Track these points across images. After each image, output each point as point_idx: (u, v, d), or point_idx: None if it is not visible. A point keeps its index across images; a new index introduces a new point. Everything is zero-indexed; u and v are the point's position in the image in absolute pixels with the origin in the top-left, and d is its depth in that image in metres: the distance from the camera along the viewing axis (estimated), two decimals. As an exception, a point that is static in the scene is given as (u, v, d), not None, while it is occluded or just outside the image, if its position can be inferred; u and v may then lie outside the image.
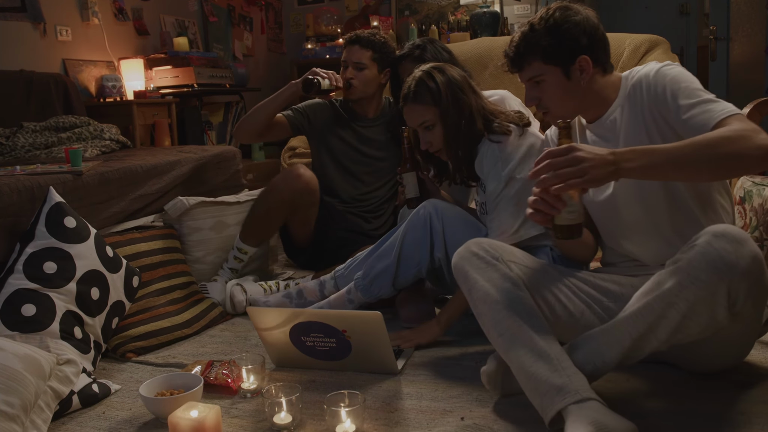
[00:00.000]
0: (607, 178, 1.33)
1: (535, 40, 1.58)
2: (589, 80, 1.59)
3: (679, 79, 1.49)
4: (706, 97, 1.45)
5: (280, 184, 2.51)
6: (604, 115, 1.63)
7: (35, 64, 3.40)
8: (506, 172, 1.87)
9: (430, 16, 5.46)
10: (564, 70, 1.58)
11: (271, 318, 1.78)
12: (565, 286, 1.60)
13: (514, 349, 1.41)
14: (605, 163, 1.31)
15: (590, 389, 1.33)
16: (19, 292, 1.72)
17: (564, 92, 1.60)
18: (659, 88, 1.51)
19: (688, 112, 1.44)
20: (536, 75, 1.61)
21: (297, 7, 5.91)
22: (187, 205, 2.49)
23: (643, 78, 1.56)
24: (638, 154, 1.33)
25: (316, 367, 1.82)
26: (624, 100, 1.60)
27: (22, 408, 1.39)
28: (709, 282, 1.28)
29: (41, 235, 1.83)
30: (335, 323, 1.71)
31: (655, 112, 1.52)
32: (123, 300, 1.97)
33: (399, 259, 2.01)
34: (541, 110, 1.66)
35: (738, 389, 1.54)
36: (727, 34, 4.63)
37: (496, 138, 1.91)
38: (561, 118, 1.63)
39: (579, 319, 1.58)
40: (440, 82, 1.94)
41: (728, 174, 1.47)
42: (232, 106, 4.80)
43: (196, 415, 1.41)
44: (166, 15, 4.55)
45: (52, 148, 2.85)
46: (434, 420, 1.50)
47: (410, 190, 2.14)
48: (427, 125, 1.96)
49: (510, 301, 1.47)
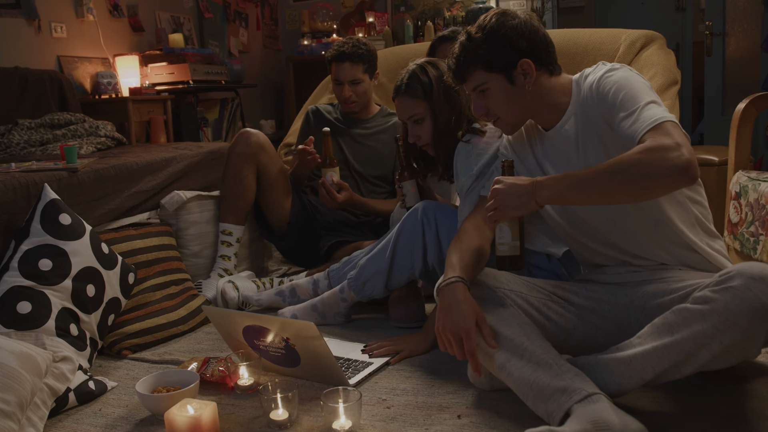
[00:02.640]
0: (524, 207, 1.44)
1: (474, 49, 1.56)
2: (535, 83, 1.56)
3: (620, 88, 1.44)
4: (639, 105, 1.39)
5: (234, 146, 2.57)
6: (559, 123, 1.60)
7: (30, 60, 3.39)
8: (478, 167, 1.84)
9: (425, 12, 5.45)
10: (507, 76, 1.56)
11: (224, 319, 1.77)
12: (554, 303, 1.59)
13: (510, 364, 1.40)
14: (520, 194, 1.44)
15: (595, 386, 1.31)
16: (15, 289, 1.72)
17: (510, 98, 1.58)
18: (603, 99, 1.47)
19: (620, 124, 1.42)
20: (480, 84, 1.58)
21: (292, 4, 5.90)
22: (184, 198, 2.50)
23: (592, 87, 1.52)
24: (554, 181, 1.42)
25: (275, 372, 1.78)
26: (577, 107, 1.56)
27: (18, 405, 1.39)
28: (749, 327, 1.24)
29: (36, 233, 1.82)
30: (277, 330, 1.65)
31: (607, 121, 1.49)
32: (119, 297, 1.97)
33: (392, 263, 2.00)
34: (490, 119, 1.64)
35: (733, 384, 1.54)
36: (723, 30, 4.64)
37: (467, 138, 1.90)
38: (511, 124, 1.65)
39: (572, 333, 1.58)
40: (433, 77, 1.95)
41: (643, 195, 1.39)
42: (227, 102, 4.79)
43: (193, 411, 1.41)
44: (162, 11, 4.54)
45: (47, 145, 2.85)
46: (431, 416, 1.50)
47: (411, 198, 2.14)
48: (416, 119, 1.97)
49: (500, 318, 1.45)
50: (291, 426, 1.49)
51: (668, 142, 1.29)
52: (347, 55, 2.66)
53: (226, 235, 2.55)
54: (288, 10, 5.92)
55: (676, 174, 1.28)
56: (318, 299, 2.14)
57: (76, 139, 2.90)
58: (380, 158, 2.77)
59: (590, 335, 1.58)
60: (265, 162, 2.58)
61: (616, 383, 1.38)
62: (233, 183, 2.54)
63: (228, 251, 2.55)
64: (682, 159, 1.27)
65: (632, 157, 1.32)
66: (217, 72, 4.29)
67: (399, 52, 3.91)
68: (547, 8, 5.16)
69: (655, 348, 1.33)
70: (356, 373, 1.73)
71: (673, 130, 1.32)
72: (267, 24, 5.78)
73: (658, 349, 1.32)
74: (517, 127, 1.67)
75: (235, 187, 2.54)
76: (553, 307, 1.58)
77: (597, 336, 1.58)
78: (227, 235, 2.55)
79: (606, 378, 1.39)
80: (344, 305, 2.11)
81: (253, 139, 2.56)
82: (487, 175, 1.81)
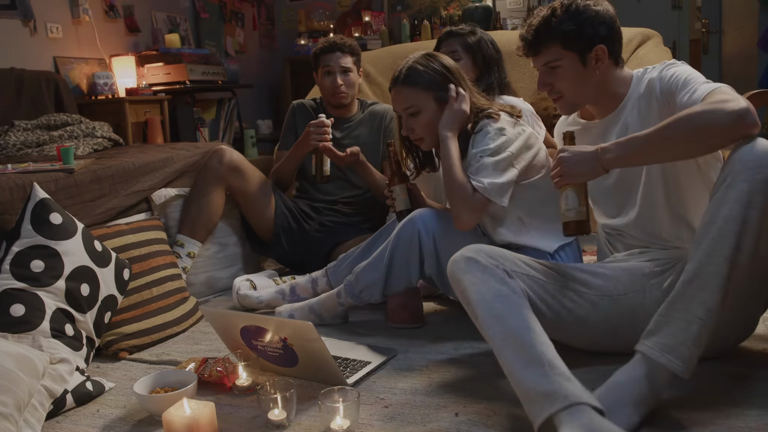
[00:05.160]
0: (591, 172, 1.51)
1: (557, 24, 1.62)
2: (603, 70, 1.64)
3: (681, 74, 1.56)
4: (698, 82, 1.50)
5: (207, 161, 2.58)
6: (612, 113, 1.67)
7: (26, 61, 3.38)
8: (498, 142, 1.86)
9: (422, 11, 5.45)
10: (581, 57, 1.63)
11: (221, 320, 1.77)
12: (569, 290, 1.59)
13: (505, 354, 1.38)
14: (586, 160, 1.50)
15: (583, 394, 1.27)
16: (7, 292, 1.70)
17: (579, 79, 1.65)
18: (666, 84, 1.57)
19: (681, 100, 1.50)
20: (552, 60, 1.65)
21: (289, 3, 5.89)
22: (171, 194, 2.51)
23: (653, 77, 1.61)
24: (618, 145, 1.48)
25: (273, 372, 1.78)
26: (636, 101, 1.64)
27: (15, 407, 1.39)
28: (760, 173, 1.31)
29: (27, 233, 1.80)
30: (275, 330, 1.64)
31: (666, 104, 1.57)
32: (114, 294, 1.96)
33: (388, 274, 1.99)
34: (553, 96, 1.70)
35: (732, 381, 1.54)
36: (719, 28, 4.65)
37: (483, 123, 1.91)
38: (572, 104, 1.72)
39: (586, 321, 1.59)
40: (432, 68, 1.95)
41: (706, 145, 1.43)
42: (224, 102, 4.78)
43: (191, 412, 1.41)
44: (158, 12, 4.53)
45: (43, 146, 2.84)
46: (428, 415, 1.50)
47: (400, 203, 2.12)
48: (411, 111, 1.96)
49: (503, 305, 1.43)
50: (289, 425, 1.49)
51: (725, 96, 1.40)
52: (337, 46, 2.72)
53: (178, 246, 2.48)
54: (284, 9, 5.91)
55: (735, 118, 1.35)
56: (315, 301, 2.14)
57: (72, 140, 2.90)
58: (365, 146, 2.75)
59: (601, 327, 1.60)
60: (237, 183, 2.58)
61: (693, 311, 1.34)
62: (197, 196, 2.53)
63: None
64: (739, 105, 1.36)
65: (693, 110, 1.41)
66: (213, 72, 4.28)
67: (395, 52, 3.91)
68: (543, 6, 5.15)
69: (712, 234, 1.34)
70: (354, 372, 1.73)
71: (729, 90, 1.44)
72: (263, 24, 5.77)
73: (714, 233, 1.34)
74: (575, 108, 1.74)
75: (198, 200, 2.52)
76: (569, 295, 1.58)
77: (609, 327, 1.60)
78: (178, 246, 2.48)
79: (682, 312, 1.35)
80: (341, 309, 2.11)
81: (226, 158, 2.56)
82: (508, 152, 1.86)
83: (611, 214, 1.77)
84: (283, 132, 2.91)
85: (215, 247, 2.63)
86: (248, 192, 2.61)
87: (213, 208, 2.54)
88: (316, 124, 2.52)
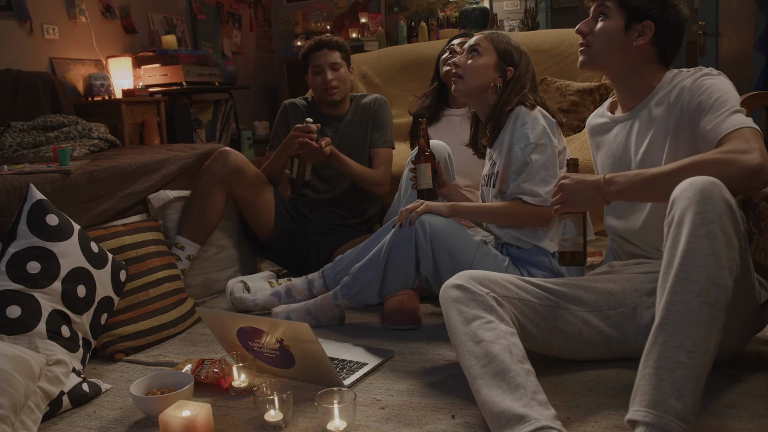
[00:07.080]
0: (591, 202, 1.50)
1: None
2: (641, 50, 1.62)
3: (714, 90, 1.50)
4: (727, 109, 1.45)
5: (210, 164, 2.56)
6: (637, 106, 1.66)
7: (22, 62, 3.38)
8: (534, 135, 1.90)
9: (419, 12, 5.46)
10: (627, 21, 1.62)
11: (218, 321, 1.76)
12: (561, 309, 1.57)
13: (476, 384, 1.34)
14: (588, 189, 1.49)
15: (553, 419, 1.22)
16: (3, 294, 1.70)
17: (614, 41, 1.64)
18: (695, 95, 1.53)
19: (704, 121, 1.48)
20: (604, 8, 1.64)
21: (286, 4, 5.90)
22: (170, 197, 2.50)
23: (686, 82, 1.57)
24: (625, 178, 1.46)
25: (270, 373, 1.77)
26: (664, 98, 1.61)
27: (11, 409, 1.39)
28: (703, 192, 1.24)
29: (23, 235, 1.80)
30: (271, 331, 1.64)
31: (690, 115, 1.54)
32: (111, 295, 1.96)
33: (385, 273, 1.99)
34: (584, 39, 1.69)
35: (727, 382, 1.54)
36: (716, 30, 4.66)
37: (524, 110, 1.95)
38: (592, 60, 1.69)
39: (578, 338, 1.58)
40: (510, 51, 2.04)
41: None
42: (221, 104, 4.79)
43: (187, 413, 1.41)
44: (154, 13, 4.53)
45: (40, 147, 2.84)
46: (425, 417, 1.50)
47: (422, 181, 2.14)
48: (478, 49, 2.04)
49: (480, 337, 1.38)
50: (285, 427, 1.49)
51: (744, 146, 1.36)
52: (323, 43, 2.72)
53: (178, 248, 2.47)
54: (281, 11, 5.92)
55: (747, 175, 1.33)
56: (312, 303, 2.14)
57: (68, 142, 2.89)
58: (357, 140, 2.76)
59: (594, 340, 1.59)
60: (240, 186, 2.58)
61: (681, 346, 1.19)
62: (199, 198, 2.52)
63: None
64: (754, 162, 1.33)
65: (707, 156, 1.38)
66: (210, 73, 4.28)
67: (392, 53, 3.91)
68: (540, 8, 5.17)
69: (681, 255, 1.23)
70: (351, 373, 1.73)
71: (751, 137, 1.39)
72: (260, 25, 5.77)
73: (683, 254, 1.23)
74: (592, 65, 1.71)
75: (200, 202, 2.51)
76: (561, 315, 1.56)
77: (601, 340, 1.59)
78: (178, 249, 2.47)
79: (670, 348, 1.20)
80: (338, 310, 2.11)
81: (230, 161, 2.55)
82: (544, 147, 1.90)
83: (619, 214, 1.74)
84: (273, 132, 2.89)
85: (213, 248, 2.62)
86: (250, 194, 2.61)
87: (215, 210, 2.54)
88: (301, 128, 2.51)
